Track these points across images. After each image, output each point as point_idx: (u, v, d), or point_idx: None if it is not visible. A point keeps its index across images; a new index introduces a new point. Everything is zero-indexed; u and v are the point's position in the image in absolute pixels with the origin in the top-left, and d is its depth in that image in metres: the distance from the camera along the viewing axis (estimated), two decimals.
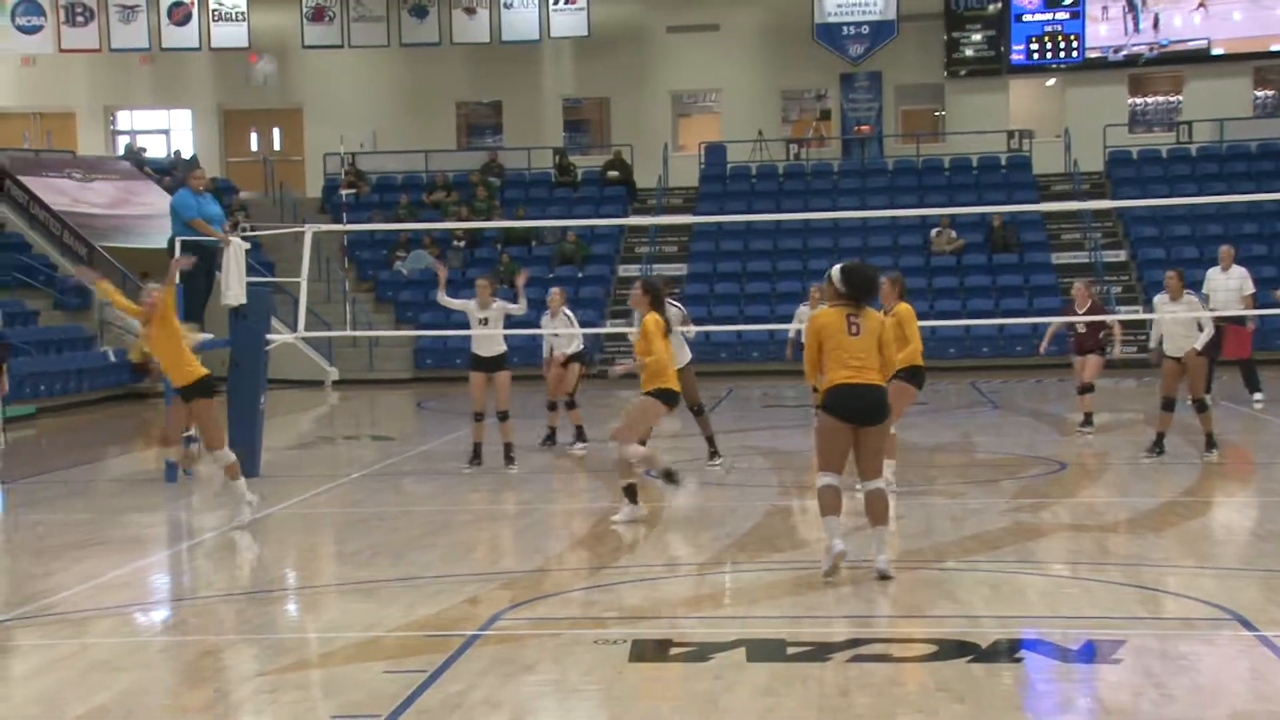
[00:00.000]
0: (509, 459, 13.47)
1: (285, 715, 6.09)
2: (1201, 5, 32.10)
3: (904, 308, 11.44)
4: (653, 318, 10.54)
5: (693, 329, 13.96)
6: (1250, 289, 18.34)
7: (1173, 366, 13.51)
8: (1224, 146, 31.37)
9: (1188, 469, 12.93)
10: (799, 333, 13.75)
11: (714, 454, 13.45)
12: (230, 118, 36.32)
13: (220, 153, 35.74)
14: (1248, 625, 7.07)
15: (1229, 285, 18.35)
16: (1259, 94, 33.37)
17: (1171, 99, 33.59)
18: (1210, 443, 13.19)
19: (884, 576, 8.19)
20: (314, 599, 8.71)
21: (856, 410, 8.31)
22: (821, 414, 8.46)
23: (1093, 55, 32.57)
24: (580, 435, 15.24)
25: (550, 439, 15.35)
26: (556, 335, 15.23)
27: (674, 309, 12.52)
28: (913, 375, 11.42)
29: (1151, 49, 32.43)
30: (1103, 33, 32.52)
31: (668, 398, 10.59)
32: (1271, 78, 33.57)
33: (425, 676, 6.54)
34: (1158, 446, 13.33)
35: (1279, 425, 16.66)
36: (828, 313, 8.50)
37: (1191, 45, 32.32)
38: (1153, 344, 14.44)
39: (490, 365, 13.50)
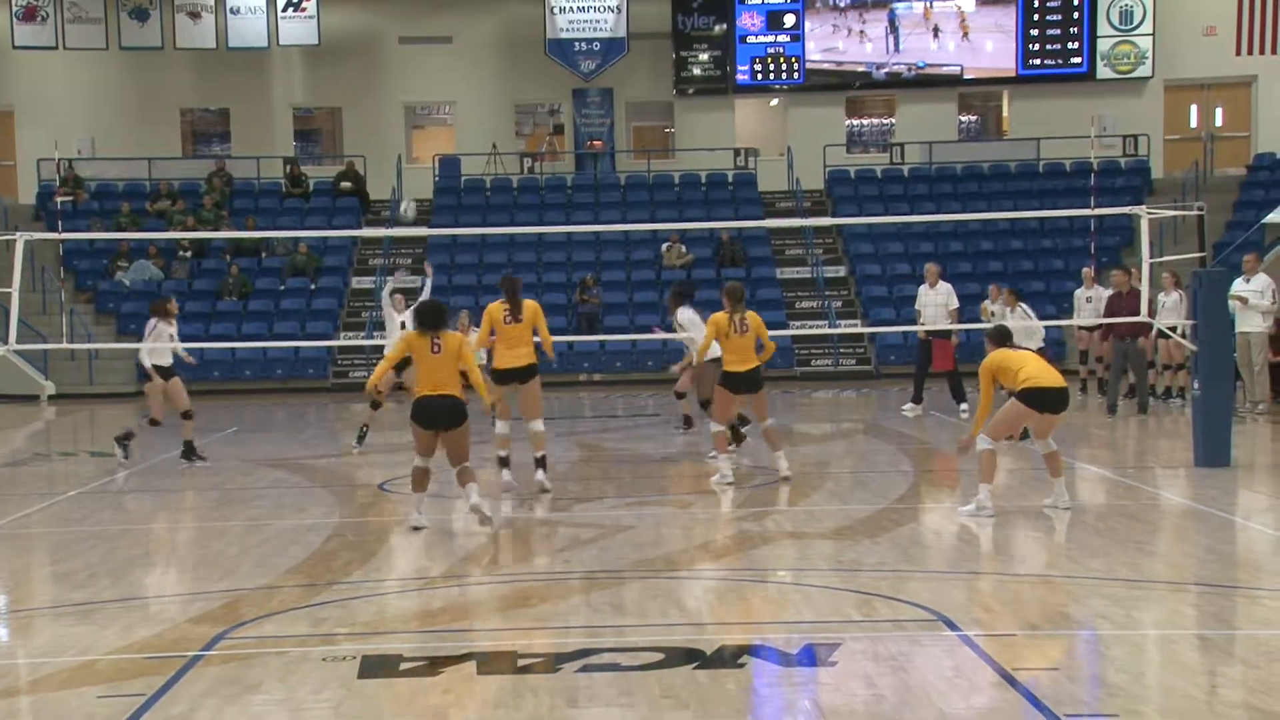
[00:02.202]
0: (190, 455, 15.03)
1: None
2: (936, 27, 33.58)
3: (752, 315, 12.81)
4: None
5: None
6: (955, 304, 19.29)
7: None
8: (933, 168, 32.88)
9: (900, 477, 13.49)
10: None
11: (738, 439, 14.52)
12: None
13: None
14: (952, 626, 7.43)
15: (936, 301, 19.27)
16: (963, 119, 35.12)
17: (885, 121, 35.05)
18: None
19: (482, 517, 10.31)
20: (25, 623, 8.29)
21: (434, 418, 10.41)
22: (411, 422, 10.51)
23: (813, 77, 33.69)
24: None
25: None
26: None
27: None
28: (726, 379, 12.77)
29: (880, 68, 33.70)
30: (821, 55, 33.65)
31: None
32: (974, 104, 35.38)
33: (143, 700, 6.31)
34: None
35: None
36: (413, 334, 10.55)
37: (905, 71, 33.76)
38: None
39: (171, 373, 15.09)
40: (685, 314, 15.32)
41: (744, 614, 7.95)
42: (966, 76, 33.86)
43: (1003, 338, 11.21)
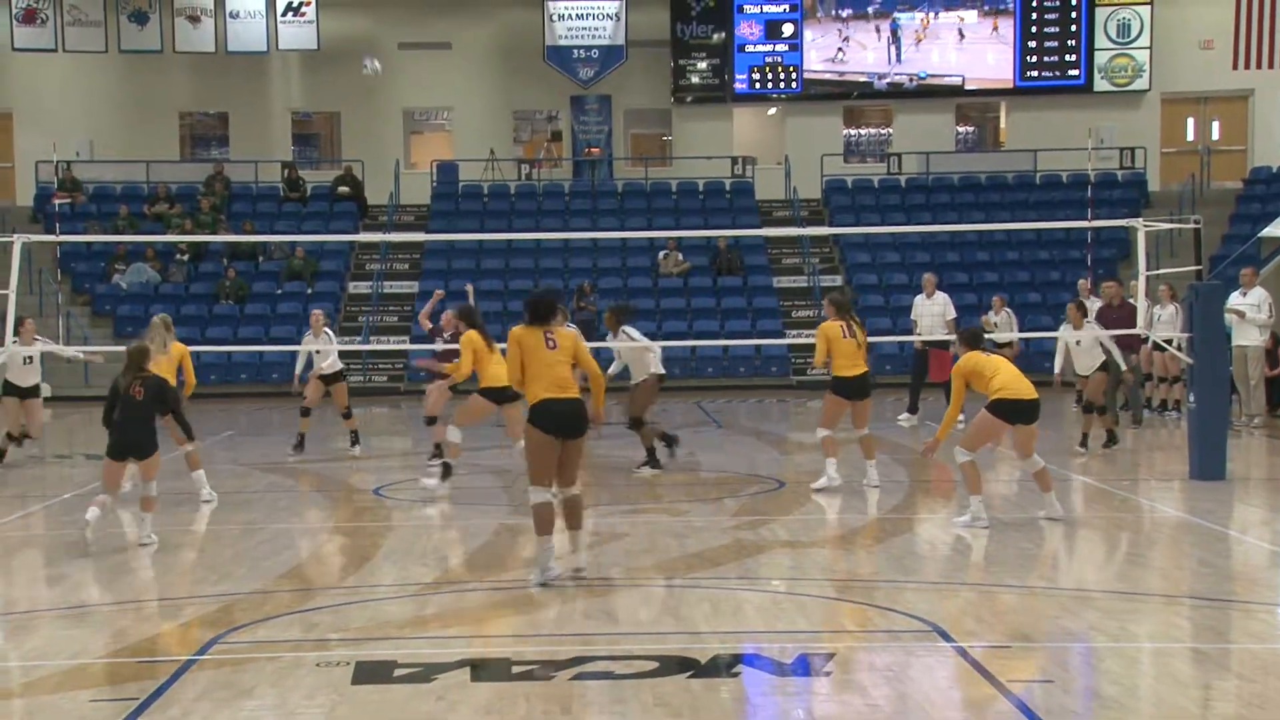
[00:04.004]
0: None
1: None
2: (919, 40, 33.60)
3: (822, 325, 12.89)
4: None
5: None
6: (952, 314, 19.30)
7: (1083, 382, 15.72)
8: (929, 178, 32.89)
9: (895, 487, 13.48)
10: None
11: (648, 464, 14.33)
12: None
13: None
14: (946, 637, 7.42)
15: (933, 311, 19.28)
16: (960, 129, 35.15)
17: (882, 131, 35.08)
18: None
19: (579, 571, 8.89)
20: (18, 625, 8.26)
21: (561, 423, 8.77)
22: (531, 431, 8.82)
23: (811, 87, 33.71)
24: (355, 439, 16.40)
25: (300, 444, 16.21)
26: (318, 352, 16.20)
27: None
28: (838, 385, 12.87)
29: (881, 78, 33.71)
30: (822, 65, 33.68)
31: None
32: (971, 115, 35.42)
33: (136, 704, 6.29)
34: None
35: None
36: (526, 330, 9.01)
37: (906, 81, 33.77)
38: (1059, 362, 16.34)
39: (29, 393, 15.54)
40: (632, 331, 14.61)
41: (738, 623, 7.93)
42: (965, 88, 33.86)
43: (975, 340, 11.15)
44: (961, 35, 33.52)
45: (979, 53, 33.63)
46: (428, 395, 15.42)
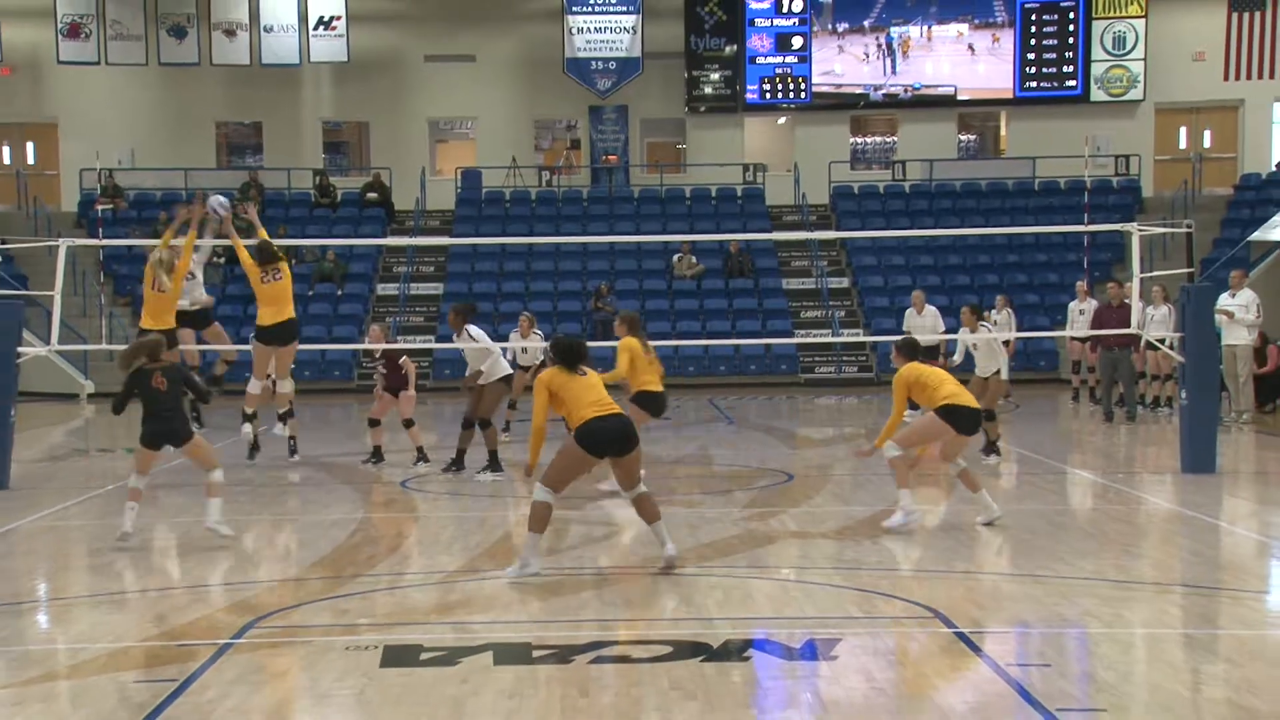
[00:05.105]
0: None
1: None
2: (905, 53, 33.54)
3: (623, 341, 12.16)
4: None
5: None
6: (942, 327, 19.24)
7: (979, 383, 14.52)
8: (933, 185, 32.82)
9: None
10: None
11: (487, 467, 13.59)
12: None
13: None
14: (948, 623, 7.42)
15: (924, 325, 19.26)
16: (962, 138, 35.07)
17: (888, 140, 35.02)
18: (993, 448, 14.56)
19: (670, 560, 8.74)
20: (63, 611, 8.32)
21: (609, 443, 8.65)
22: (575, 447, 8.64)
23: (819, 97, 33.65)
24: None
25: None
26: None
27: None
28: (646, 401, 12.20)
29: (878, 89, 33.66)
30: (820, 78, 33.60)
31: None
32: (973, 124, 35.33)
33: (175, 685, 6.33)
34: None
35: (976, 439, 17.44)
36: (555, 372, 8.81)
37: (901, 92, 33.70)
38: (958, 358, 15.60)
39: None
40: (475, 330, 13.91)
41: (749, 609, 7.94)
42: (964, 98, 33.77)
43: (913, 350, 10.71)
44: (972, 50, 33.40)
45: (974, 65, 33.53)
46: (402, 402, 14.92)
